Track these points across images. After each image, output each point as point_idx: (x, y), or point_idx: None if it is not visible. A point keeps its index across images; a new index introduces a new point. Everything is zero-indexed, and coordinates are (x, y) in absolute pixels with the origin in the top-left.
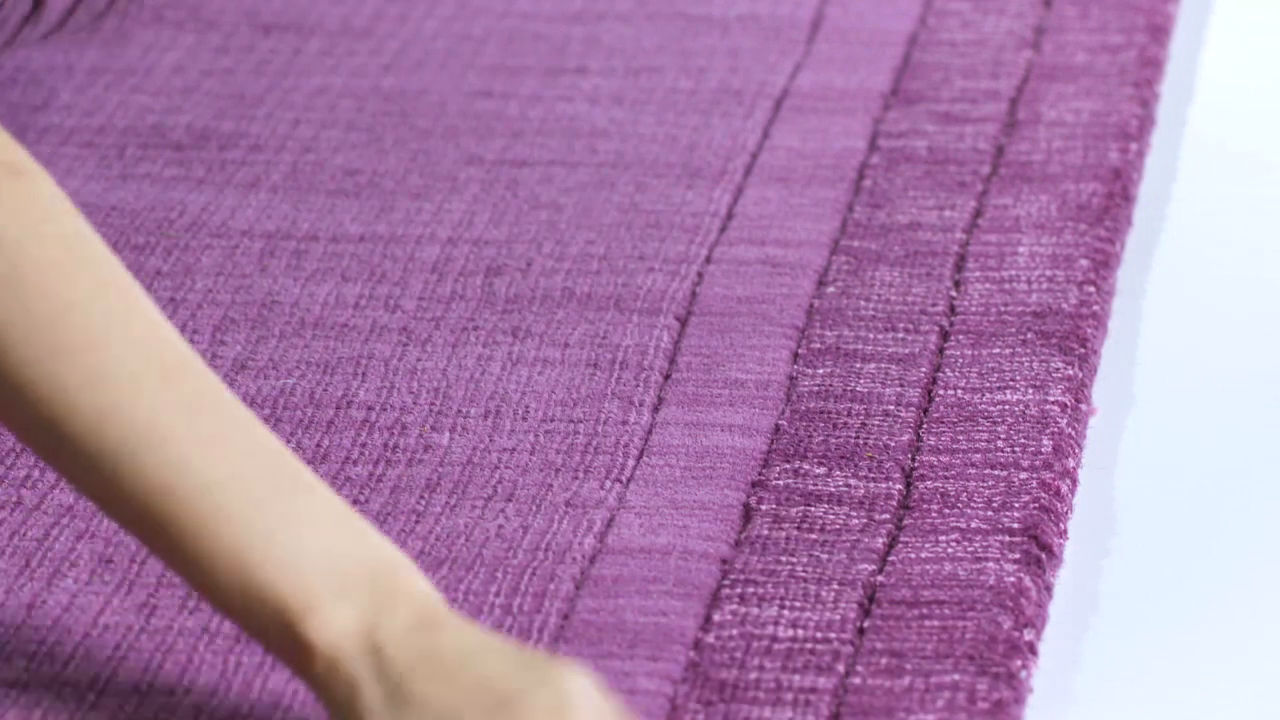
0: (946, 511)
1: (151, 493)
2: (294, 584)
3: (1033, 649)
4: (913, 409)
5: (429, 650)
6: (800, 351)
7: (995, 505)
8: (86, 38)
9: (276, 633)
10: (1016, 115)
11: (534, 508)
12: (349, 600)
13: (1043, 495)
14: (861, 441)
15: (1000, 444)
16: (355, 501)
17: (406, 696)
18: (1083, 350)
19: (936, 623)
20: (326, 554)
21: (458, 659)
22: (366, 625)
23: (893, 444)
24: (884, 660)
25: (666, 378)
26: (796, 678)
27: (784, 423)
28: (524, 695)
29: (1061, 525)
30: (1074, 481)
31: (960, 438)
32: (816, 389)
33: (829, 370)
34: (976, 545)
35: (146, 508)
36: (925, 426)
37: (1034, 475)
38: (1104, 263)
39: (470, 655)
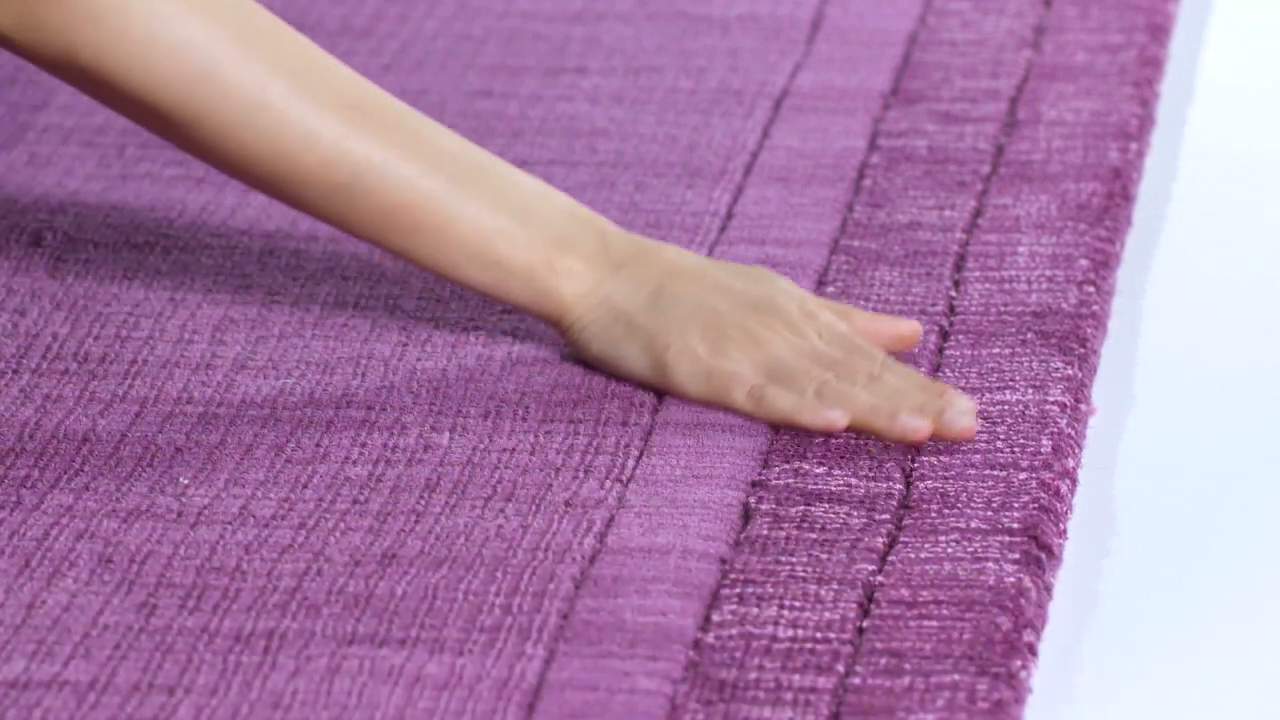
0: (946, 511)
1: (388, 212)
2: (533, 251)
3: (1032, 649)
4: None
5: (667, 265)
6: None
7: (995, 505)
8: None
9: (530, 295)
10: (1016, 115)
11: (534, 508)
12: (578, 249)
13: (1042, 495)
14: (862, 441)
15: (1000, 444)
16: (355, 501)
17: (670, 297)
18: (1082, 350)
19: (936, 623)
20: (547, 220)
21: (696, 270)
22: (601, 261)
23: (893, 444)
24: (884, 660)
25: None
26: (796, 677)
27: None
28: (772, 298)
29: (1061, 525)
30: (1074, 481)
31: None
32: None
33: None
34: (976, 545)
35: (386, 224)
36: None
37: (1034, 475)
38: (1104, 263)
39: (704, 267)
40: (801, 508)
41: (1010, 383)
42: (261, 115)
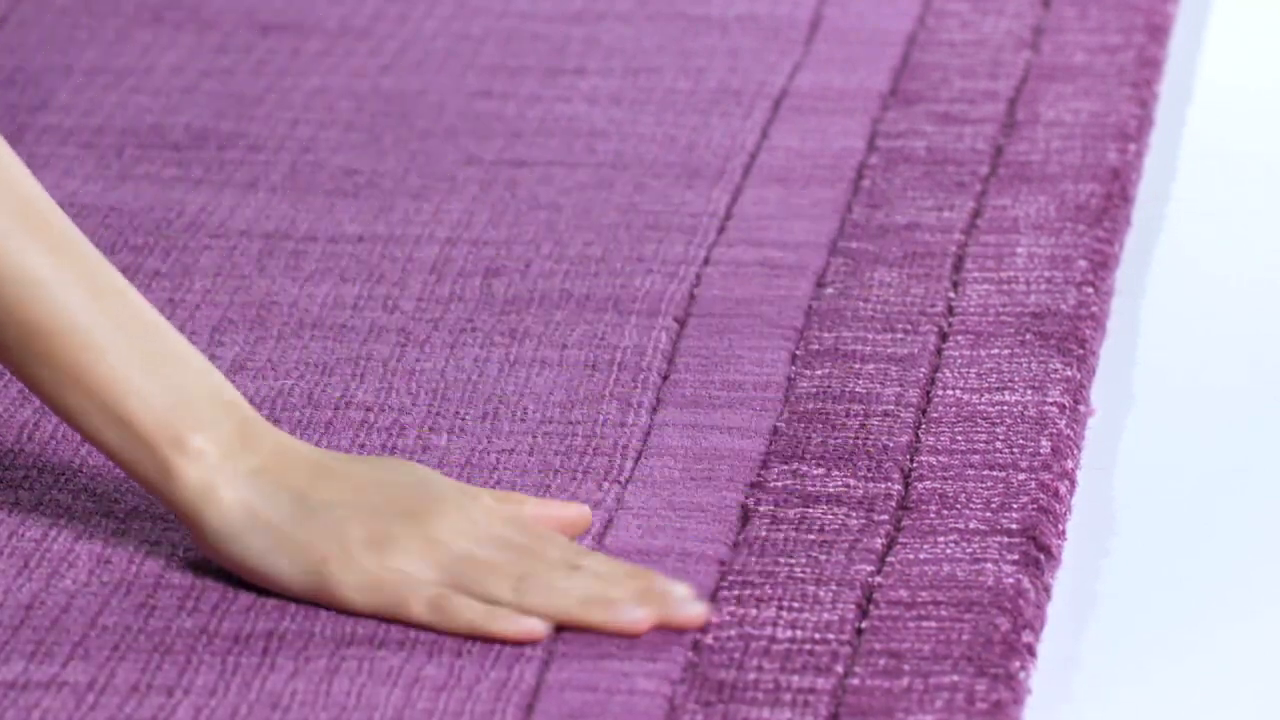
0: (945, 512)
1: (28, 333)
2: (166, 422)
3: (1031, 650)
4: (911, 409)
5: (310, 466)
6: (798, 353)
7: (994, 506)
8: (86, 37)
9: (156, 472)
10: (1015, 116)
11: None
12: (215, 436)
13: (1041, 496)
14: (860, 442)
15: (999, 445)
16: None
17: (318, 503)
18: (1081, 351)
19: (935, 624)
20: (186, 392)
21: (340, 470)
22: (237, 456)
23: (891, 444)
24: (882, 661)
25: (665, 379)
26: (795, 678)
27: (782, 424)
28: (427, 486)
29: (1060, 526)
30: (1072, 482)
31: (959, 438)
32: (815, 390)
33: (827, 371)
34: (975, 546)
35: (24, 345)
36: (924, 427)
37: (1033, 476)
38: (1102, 263)
39: (348, 464)
40: (800, 509)
41: (1009, 384)
42: None
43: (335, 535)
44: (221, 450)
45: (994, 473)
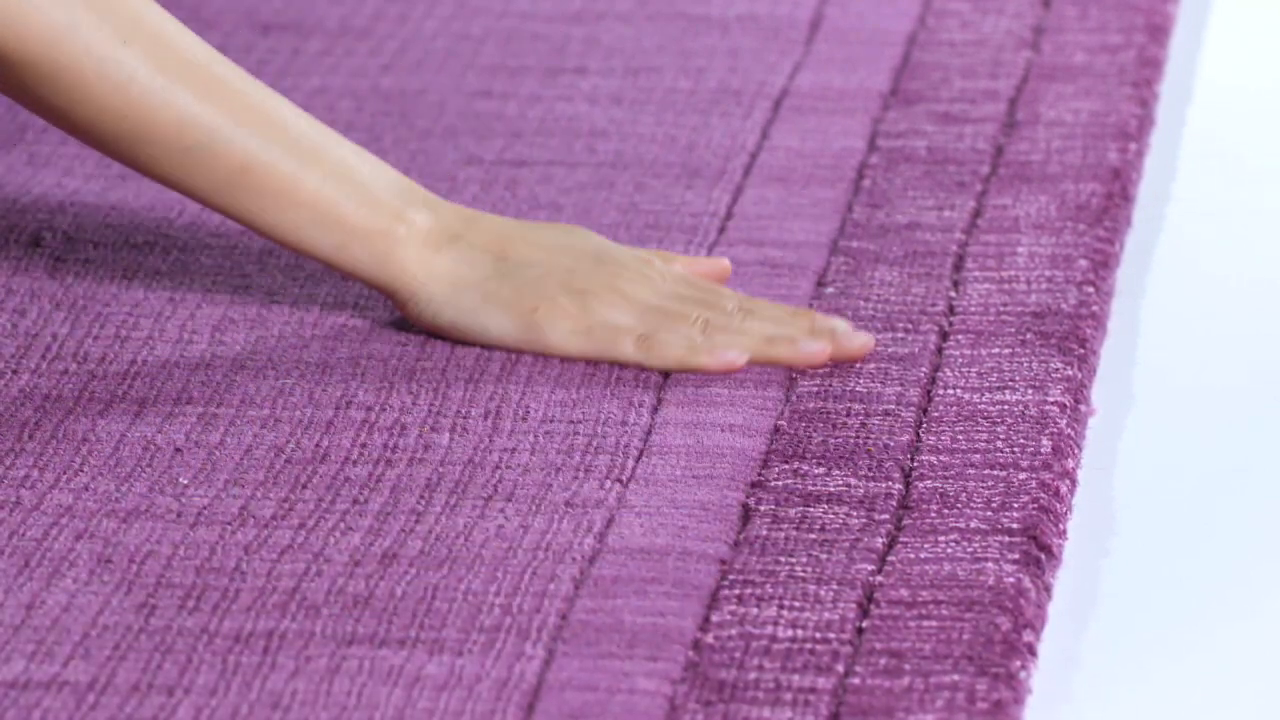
0: (946, 512)
1: (234, 173)
2: (376, 217)
3: (1032, 649)
4: (912, 409)
5: (498, 232)
6: None
7: (994, 505)
8: None
9: (372, 260)
10: (1015, 115)
11: (534, 508)
12: (414, 220)
13: (1042, 496)
14: (861, 441)
15: (999, 444)
16: (355, 501)
17: (516, 263)
18: (1082, 350)
19: (935, 623)
20: (386, 189)
21: (529, 234)
22: (435, 232)
23: (892, 444)
24: (883, 660)
25: (666, 378)
26: (795, 678)
27: (783, 423)
28: (606, 249)
29: (1061, 526)
30: (1073, 482)
31: (960, 438)
32: (816, 389)
33: (828, 370)
34: (976, 545)
35: (232, 186)
36: (925, 426)
37: (1033, 476)
38: (1103, 263)
39: (533, 230)
40: (801, 508)
41: (1010, 383)
42: (119, 72)
43: (538, 289)
44: (425, 233)
45: (995, 472)
